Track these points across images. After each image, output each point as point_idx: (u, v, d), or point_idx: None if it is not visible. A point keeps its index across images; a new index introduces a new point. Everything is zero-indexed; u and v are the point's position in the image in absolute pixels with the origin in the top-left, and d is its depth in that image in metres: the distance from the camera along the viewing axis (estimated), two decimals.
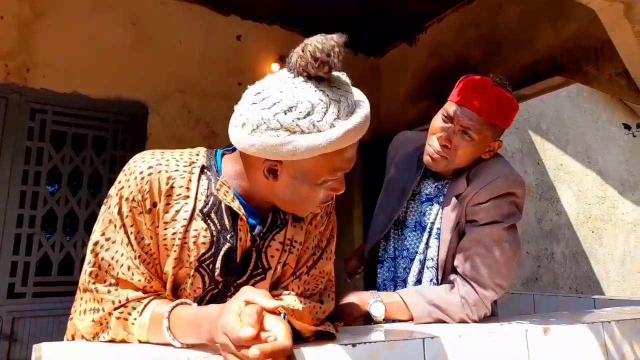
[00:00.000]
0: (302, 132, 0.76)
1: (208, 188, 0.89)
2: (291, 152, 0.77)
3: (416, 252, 1.37)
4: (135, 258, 0.85)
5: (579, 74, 2.71)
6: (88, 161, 2.97)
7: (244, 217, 0.88)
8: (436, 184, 1.38)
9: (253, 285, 0.91)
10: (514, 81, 3.11)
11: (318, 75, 0.78)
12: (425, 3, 3.58)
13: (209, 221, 0.87)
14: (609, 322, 1.21)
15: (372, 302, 1.22)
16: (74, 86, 2.96)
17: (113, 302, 0.84)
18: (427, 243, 1.35)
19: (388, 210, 1.44)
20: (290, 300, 0.92)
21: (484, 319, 1.24)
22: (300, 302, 0.92)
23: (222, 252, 0.87)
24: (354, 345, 0.84)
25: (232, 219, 0.89)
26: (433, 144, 1.29)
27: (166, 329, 0.79)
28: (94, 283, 0.85)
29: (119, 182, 0.88)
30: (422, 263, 1.35)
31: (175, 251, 0.86)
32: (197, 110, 3.33)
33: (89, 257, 0.87)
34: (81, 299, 0.88)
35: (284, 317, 0.76)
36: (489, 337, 1.02)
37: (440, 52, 3.74)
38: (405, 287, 1.37)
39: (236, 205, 0.88)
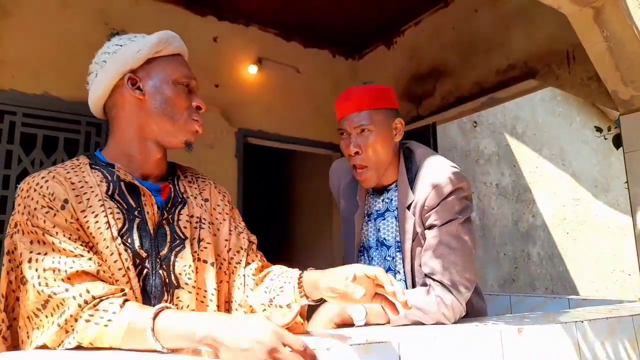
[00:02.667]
0: (130, 40, 1.01)
1: (104, 176, 0.97)
2: (131, 52, 0.99)
3: (384, 268, 1.39)
4: (75, 249, 0.85)
5: (552, 78, 2.76)
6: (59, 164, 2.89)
7: (146, 192, 0.97)
8: (381, 197, 1.42)
9: (175, 255, 0.96)
10: (489, 84, 3.16)
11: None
12: (403, 6, 3.61)
13: (115, 201, 0.95)
14: (582, 321, 1.22)
15: (353, 305, 1.20)
16: (44, 87, 2.88)
17: (74, 298, 0.80)
18: (392, 257, 1.37)
19: (351, 241, 1.48)
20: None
21: (459, 320, 1.24)
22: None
23: (134, 226, 0.94)
24: (328, 348, 0.83)
25: (135, 196, 0.97)
26: (352, 162, 1.36)
27: (151, 335, 0.77)
28: (50, 290, 0.81)
29: (19, 205, 0.90)
30: (392, 275, 1.36)
31: (107, 229, 0.90)
32: None
33: (31, 274, 0.83)
34: (37, 317, 0.83)
35: None
36: (464, 338, 1.02)
37: (417, 54, 3.77)
38: None
39: (136, 182, 0.97)
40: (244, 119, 3.67)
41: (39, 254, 0.85)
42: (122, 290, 0.86)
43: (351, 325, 1.21)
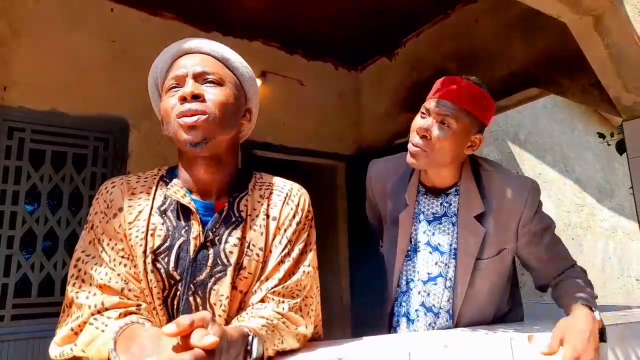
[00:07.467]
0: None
1: (167, 190, 0.96)
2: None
3: (432, 274, 1.32)
4: (110, 262, 0.88)
5: (554, 85, 2.79)
6: (68, 179, 2.92)
7: (195, 211, 0.92)
8: (440, 200, 1.34)
9: (214, 282, 0.89)
10: (491, 93, 3.18)
11: None
12: (403, 18, 3.66)
13: (165, 217, 0.93)
14: None
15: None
16: (52, 104, 2.92)
17: (89, 307, 0.83)
18: (445, 263, 1.30)
19: (402, 243, 1.36)
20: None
21: (470, 329, 1.25)
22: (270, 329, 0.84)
23: (176, 246, 0.91)
24: (340, 359, 0.84)
25: (185, 215, 0.94)
26: (413, 139, 1.26)
27: (112, 350, 0.74)
28: (76, 292, 0.85)
29: (92, 207, 0.97)
30: (443, 282, 1.30)
31: (141, 246, 0.89)
32: None
33: (71, 272, 0.89)
34: (64, 312, 0.87)
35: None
36: (474, 347, 1.03)
37: (418, 65, 3.81)
38: (431, 313, 1.31)
39: (187, 200, 0.93)
40: None
41: (87, 255, 0.90)
42: (139, 305, 0.86)
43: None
